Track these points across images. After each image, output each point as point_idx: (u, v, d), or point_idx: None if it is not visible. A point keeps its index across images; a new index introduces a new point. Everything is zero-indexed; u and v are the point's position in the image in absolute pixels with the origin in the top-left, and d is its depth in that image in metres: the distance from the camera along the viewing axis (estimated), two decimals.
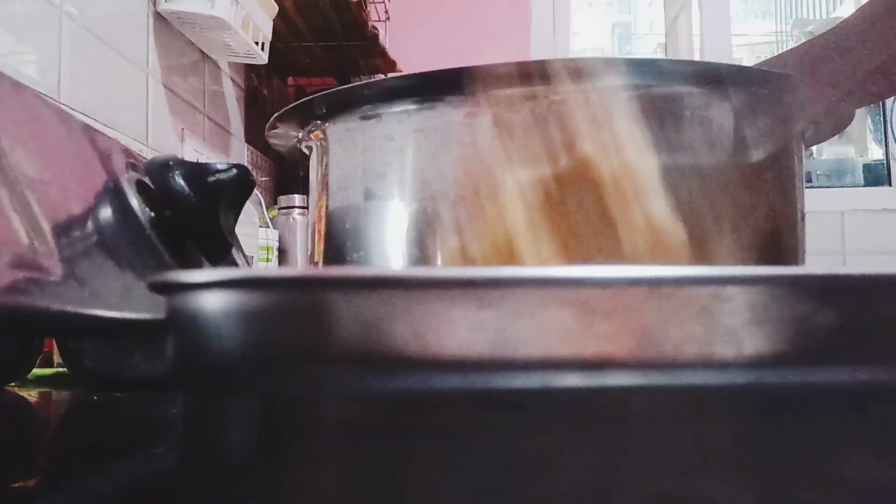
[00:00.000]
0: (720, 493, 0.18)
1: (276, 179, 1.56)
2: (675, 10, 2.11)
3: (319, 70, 1.61)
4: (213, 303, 0.17)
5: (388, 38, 1.69)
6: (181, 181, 0.47)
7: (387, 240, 0.34)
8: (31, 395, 0.52)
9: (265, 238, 1.20)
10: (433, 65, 0.32)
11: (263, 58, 1.19)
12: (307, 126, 0.39)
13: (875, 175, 2.06)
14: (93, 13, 0.87)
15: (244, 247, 0.64)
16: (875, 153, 2.11)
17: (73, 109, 0.81)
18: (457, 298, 0.17)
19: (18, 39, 0.75)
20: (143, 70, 1.00)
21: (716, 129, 0.33)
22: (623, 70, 0.33)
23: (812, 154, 2.07)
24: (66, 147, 0.38)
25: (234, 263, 0.53)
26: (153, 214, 0.44)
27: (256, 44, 1.14)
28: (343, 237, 0.36)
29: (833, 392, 0.18)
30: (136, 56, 0.99)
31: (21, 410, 0.47)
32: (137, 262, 0.39)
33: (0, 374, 0.51)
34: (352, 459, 0.17)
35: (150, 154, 0.76)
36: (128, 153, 0.46)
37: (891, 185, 1.98)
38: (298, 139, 0.41)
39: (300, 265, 1.26)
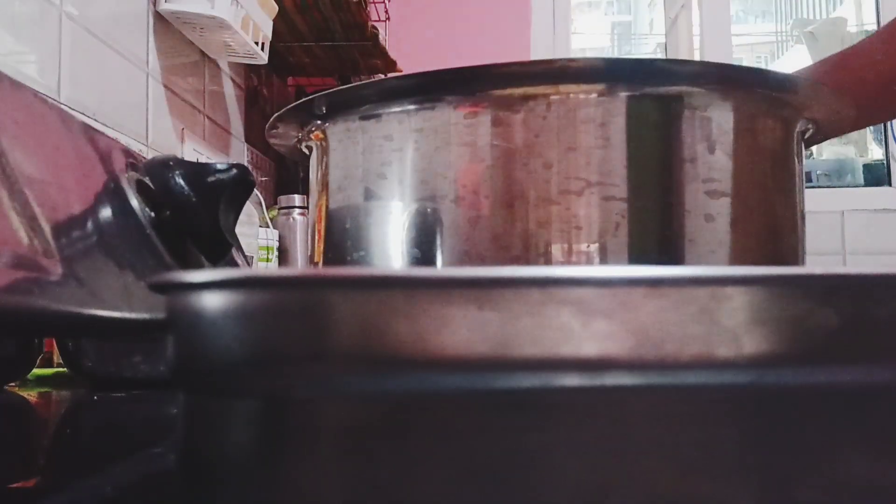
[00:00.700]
0: (720, 493, 0.18)
1: (276, 179, 1.56)
2: (675, 10, 2.11)
3: (319, 70, 1.61)
4: (214, 303, 0.17)
5: (388, 38, 1.69)
6: (181, 181, 0.47)
7: (387, 240, 0.34)
8: (31, 395, 0.52)
9: (265, 238, 1.20)
10: (433, 65, 0.32)
11: (263, 58, 1.19)
12: (307, 126, 0.39)
13: (875, 175, 2.07)
14: (93, 13, 0.87)
15: (244, 247, 0.64)
16: (875, 153, 2.11)
17: (73, 109, 0.81)
18: (457, 298, 0.17)
19: (18, 39, 0.75)
20: (143, 70, 1.00)
21: (715, 129, 0.33)
22: (622, 70, 0.33)
23: (812, 154, 2.08)
24: (66, 147, 0.38)
25: (234, 263, 0.53)
26: (153, 214, 0.44)
27: (256, 44, 1.14)
28: (343, 237, 0.36)
29: (833, 392, 0.18)
30: (136, 56, 0.99)
31: (21, 410, 0.47)
32: (137, 262, 0.39)
33: (0, 374, 0.51)
34: (352, 459, 0.17)
35: (150, 154, 0.76)
36: (128, 153, 0.46)
37: (891, 185, 1.98)
38: (298, 139, 0.41)
39: (300, 265, 1.26)
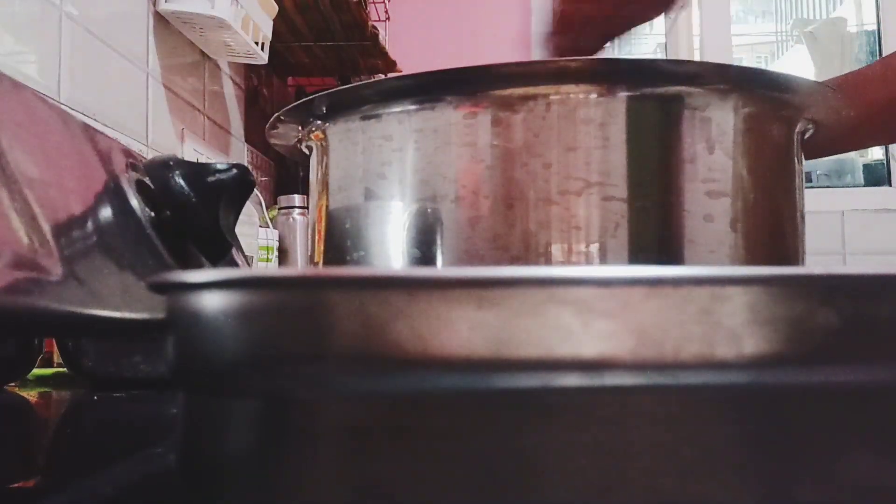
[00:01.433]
0: (720, 493, 0.18)
1: (276, 179, 1.56)
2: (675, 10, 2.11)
3: (319, 70, 1.61)
4: (214, 303, 0.17)
5: (388, 38, 1.69)
6: (181, 181, 0.47)
7: (387, 240, 0.34)
8: (31, 395, 0.52)
9: (265, 238, 1.20)
10: (433, 65, 0.32)
11: (263, 58, 1.19)
12: (307, 126, 0.39)
13: (875, 175, 2.07)
14: (93, 13, 0.87)
15: (244, 247, 0.64)
16: (875, 153, 2.11)
17: (73, 109, 0.81)
18: (457, 298, 0.17)
19: (18, 39, 0.75)
20: (143, 70, 1.00)
21: (714, 130, 0.33)
22: (621, 70, 0.33)
23: None
24: (66, 147, 0.38)
25: (234, 263, 0.53)
26: (153, 214, 0.44)
27: (256, 44, 1.14)
28: (343, 237, 0.36)
29: (833, 392, 0.18)
30: (136, 56, 0.99)
31: (21, 410, 0.47)
32: (137, 262, 0.39)
33: (0, 374, 0.51)
34: (352, 459, 0.17)
35: (150, 154, 0.76)
36: (128, 153, 0.46)
37: (891, 185, 1.98)
38: (298, 139, 0.41)
39: (300, 265, 1.26)
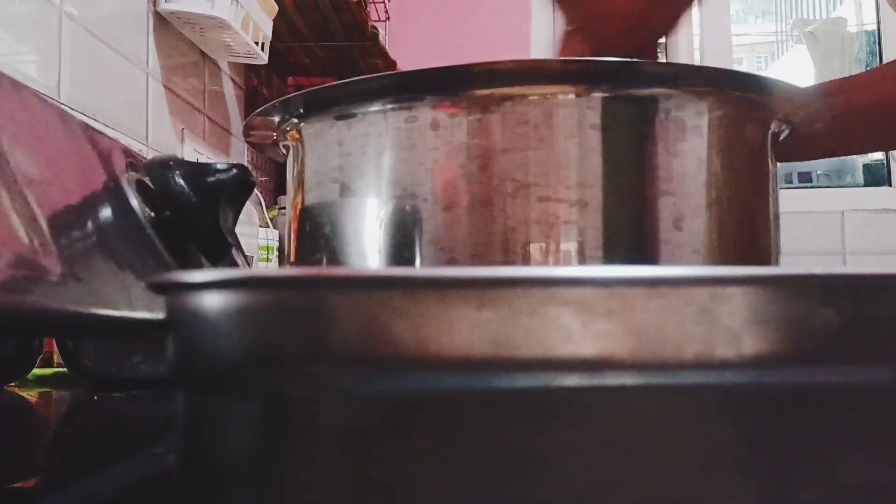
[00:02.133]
0: (720, 493, 0.18)
1: (276, 179, 1.56)
2: None
3: (319, 70, 1.61)
4: (214, 303, 0.17)
5: (388, 38, 1.69)
6: (181, 181, 0.47)
7: (362, 239, 0.34)
8: (31, 395, 0.52)
9: (265, 238, 1.20)
10: (433, 64, 0.32)
11: (263, 58, 1.19)
12: (283, 125, 0.39)
13: (875, 175, 2.07)
14: (93, 13, 0.87)
15: (244, 247, 0.64)
16: (875, 153, 2.11)
17: (73, 109, 0.81)
18: (457, 298, 0.17)
19: (18, 39, 0.75)
20: (143, 70, 1.00)
21: (689, 131, 0.33)
22: (598, 71, 0.33)
23: None
24: (66, 147, 0.38)
25: (234, 263, 0.53)
26: (153, 214, 0.44)
27: (256, 44, 1.14)
28: (317, 236, 0.36)
29: (833, 392, 0.18)
30: (136, 56, 0.99)
31: (21, 410, 0.47)
32: (137, 262, 0.39)
33: (0, 374, 0.51)
34: (352, 459, 0.17)
35: (150, 154, 0.76)
36: (128, 153, 0.46)
37: (891, 185, 1.98)
38: (275, 139, 0.41)
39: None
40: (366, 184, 0.34)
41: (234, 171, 0.49)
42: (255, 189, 0.57)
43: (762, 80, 0.35)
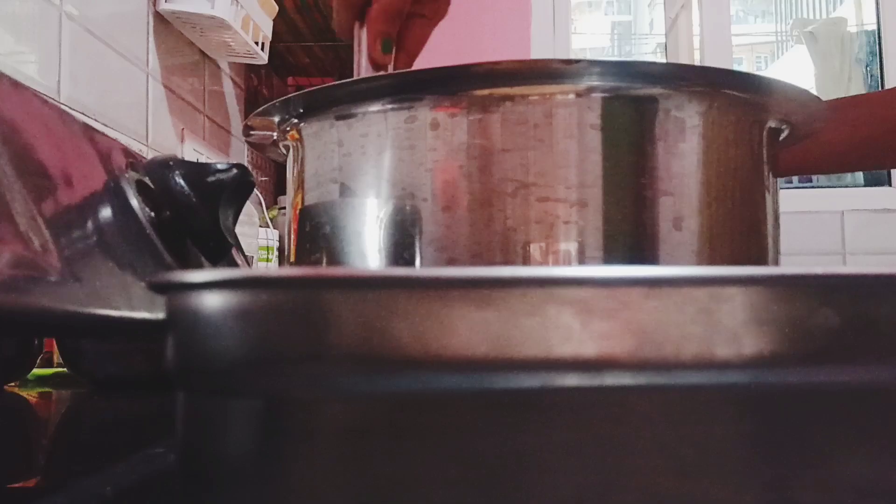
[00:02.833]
0: (720, 493, 0.18)
1: (276, 179, 1.56)
2: (675, 10, 2.11)
3: (319, 70, 1.61)
4: (213, 303, 0.17)
5: None
6: (181, 181, 0.47)
7: (362, 239, 0.34)
8: (31, 395, 0.52)
9: (265, 238, 1.20)
10: (433, 64, 0.32)
11: (263, 58, 1.19)
12: (283, 125, 0.39)
13: (875, 175, 2.07)
14: (93, 13, 0.87)
15: (244, 247, 0.64)
16: None
17: (73, 109, 0.81)
18: (457, 298, 0.17)
19: (18, 39, 0.75)
20: (143, 70, 1.00)
21: (688, 131, 0.33)
22: (593, 71, 0.33)
23: None
24: (66, 147, 0.38)
25: (234, 263, 0.53)
26: (153, 214, 0.44)
27: (256, 44, 1.14)
28: (316, 235, 0.36)
29: (833, 392, 0.18)
30: (136, 56, 0.99)
31: (21, 410, 0.47)
32: (137, 262, 0.39)
33: (0, 374, 0.51)
34: (352, 459, 0.17)
35: (150, 154, 0.76)
36: (128, 153, 0.46)
37: (891, 185, 1.98)
38: (274, 140, 0.41)
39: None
40: (365, 184, 0.34)
41: (234, 171, 0.49)
42: (255, 189, 0.57)
43: (762, 80, 0.35)
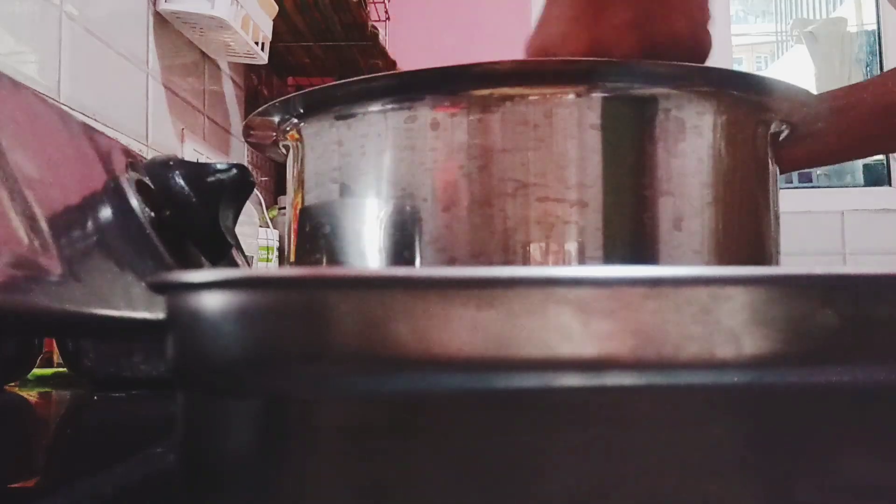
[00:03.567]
0: (720, 493, 0.18)
1: (276, 179, 1.56)
2: None
3: (319, 70, 1.61)
4: (214, 303, 0.17)
5: (388, 38, 1.69)
6: (181, 181, 0.47)
7: (361, 239, 0.34)
8: (31, 395, 0.52)
9: (265, 238, 1.20)
10: (433, 64, 0.32)
11: (263, 58, 1.19)
12: (283, 125, 0.39)
13: (875, 175, 2.07)
14: (93, 13, 0.87)
15: (244, 247, 0.64)
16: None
17: (73, 109, 0.81)
18: (457, 298, 0.17)
19: (18, 39, 0.75)
20: (143, 70, 1.00)
21: (689, 131, 0.33)
22: (596, 71, 0.33)
23: None
24: (66, 147, 0.38)
25: (234, 263, 0.53)
26: (153, 214, 0.44)
27: (256, 44, 1.14)
28: (317, 237, 0.36)
29: (833, 392, 0.18)
30: (136, 56, 0.99)
31: (21, 410, 0.47)
32: (137, 262, 0.39)
33: (0, 374, 0.51)
34: (352, 459, 0.17)
35: (150, 154, 0.76)
36: (128, 153, 0.46)
37: (891, 185, 1.98)
38: (275, 140, 0.41)
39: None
40: (365, 184, 0.34)
41: (234, 171, 0.49)
42: (255, 189, 0.57)
43: (762, 80, 0.35)
